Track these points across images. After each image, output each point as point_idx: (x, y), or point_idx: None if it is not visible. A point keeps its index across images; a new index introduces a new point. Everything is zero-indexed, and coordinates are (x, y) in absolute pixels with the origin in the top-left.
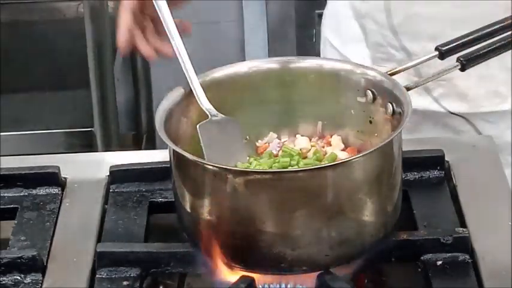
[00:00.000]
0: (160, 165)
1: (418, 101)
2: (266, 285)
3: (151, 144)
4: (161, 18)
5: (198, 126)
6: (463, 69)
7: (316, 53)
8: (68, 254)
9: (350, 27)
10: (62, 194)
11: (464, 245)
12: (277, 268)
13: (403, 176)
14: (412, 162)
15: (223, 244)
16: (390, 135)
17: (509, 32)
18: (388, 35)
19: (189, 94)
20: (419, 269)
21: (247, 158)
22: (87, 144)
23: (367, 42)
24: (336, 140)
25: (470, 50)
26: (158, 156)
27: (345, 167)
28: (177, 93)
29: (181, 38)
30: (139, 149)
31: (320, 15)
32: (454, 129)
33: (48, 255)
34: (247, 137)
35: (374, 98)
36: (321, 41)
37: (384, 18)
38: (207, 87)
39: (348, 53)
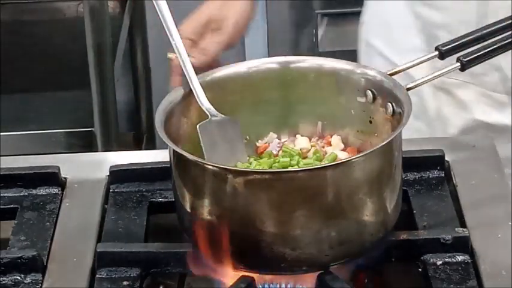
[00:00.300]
0: (160, 165)
1: (493, 115)
2: (266, 285)
3: (151, 144)
4: (161, 18)
5: (198, 126)
6: (463, 69)
7: (316, 53)
8: (68, 254)
9: (410, 37)
10: (62, 194)
11: (464, 245)
12: (277, 268)
13: (403, 176)
14: (412, 162)
15: (223, 244)
16: (390, 135)
17: (509, 32)
18: None
19: (189, 94)
20: (419, 269)
21: (247, 158)
22: (87, 144)
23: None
24: (336, 140)
25: (470, 50)
26: (158, 156)
27: (345, 167)
28: (177, 93)
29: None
30: (140, 149)
31: (320, 15)
32: None
33: (48, 255)
34: (247, 137)
35: (374, 98)
36: (360, 46)
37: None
38: (207, 87)
39: (403, 62)
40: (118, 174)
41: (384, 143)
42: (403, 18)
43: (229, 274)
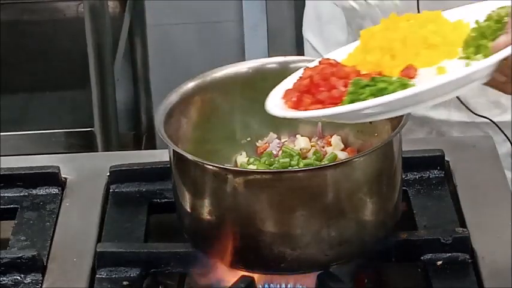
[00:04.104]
0: (160, 165)
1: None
2: (266, 285)
3: (151, 144)
4: None
5: None
6: None
7: None
8: (68, 254)
9: (335, 29)
10: (62, 194)
11: (464, 245)
12: (277, 268)
13: (403, 176)
14: (412, 162)
15: (223, 244)
16: (390, 135)
17: None
18: None
19: (189, 94)
20: (419, 269)
21: (247, 158)
22: (87, 144)
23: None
24: (336, 140)
25: None
26: (158, 156)
27: (345, 167)
28: (177, 93)
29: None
30: (139, 149)
31: None
32: None
33: (48, 255)
34: (248, 138)
35: None
36: (304, 46)
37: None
38: (207, 87)
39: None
40: (118, 174)
41: (383, 143)
42: (331, 11)
43: (229, 274)
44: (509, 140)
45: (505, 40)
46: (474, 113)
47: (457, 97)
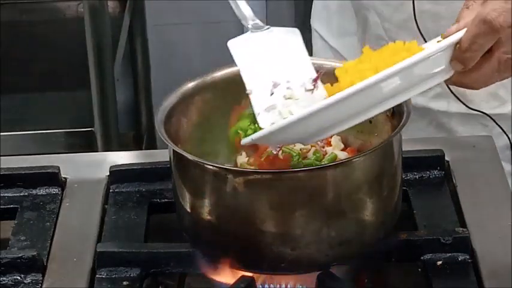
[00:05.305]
0: (160, 165)
1: (415, 98)
2: (266, 285)
3: (152, 144)
4: None
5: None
6: None
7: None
8: (68, 254)
9: (345, 20)
10: (62, 194)
11: (464, 245)
12: (277, 268)
13: (403, 176)
14: (412, 162)
15: (223, 244)
16: (390, 135)
17: None
18: (392, 29)
19: (189, 94)
20: (419, 269)
21: (247, 158)
22: (87, 144)
23: (364, 35)
24: (336, 140)
25: None
26: (158, 156)
27: (345, 167)
28: (177, 93)
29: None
30: (140, 149)
31: None
32: (449, 129)
33: (48, 255)
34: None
35: None
36: (312, 36)
37: (392, 11)
38: (207, 88)
39: (338, 45)
40: (118, 174)
41: (383, 143)
42: (339, 1)
43: (229, 274)
44: (505, 133)
45: (455, 27)
46: (470, 108)
47: (451, 90)
